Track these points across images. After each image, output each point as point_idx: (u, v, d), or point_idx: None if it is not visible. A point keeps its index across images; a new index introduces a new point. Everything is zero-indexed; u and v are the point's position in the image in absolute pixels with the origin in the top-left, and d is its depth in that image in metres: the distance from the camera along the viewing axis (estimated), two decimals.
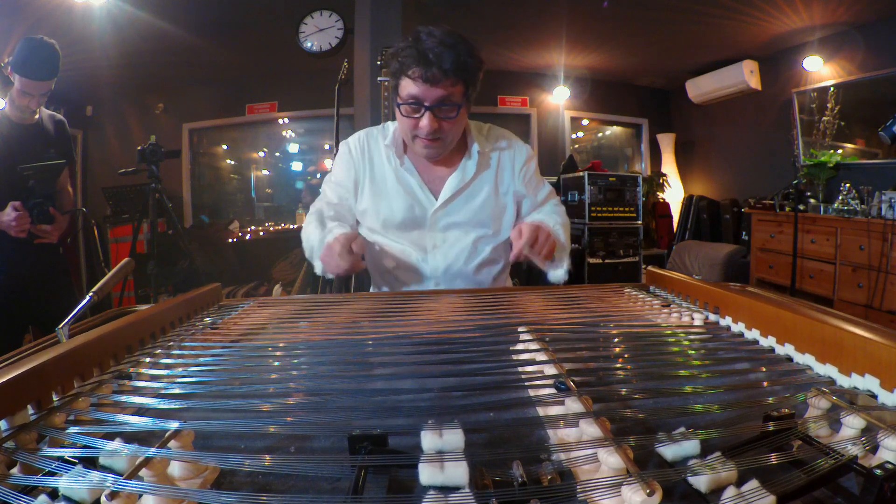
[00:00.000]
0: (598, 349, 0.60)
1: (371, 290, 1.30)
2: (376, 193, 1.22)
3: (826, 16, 3.66)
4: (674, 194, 5.61)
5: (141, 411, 0.44)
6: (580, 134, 6.16)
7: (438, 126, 1.08)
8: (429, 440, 0.35)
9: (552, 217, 1.24)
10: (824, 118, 3.92)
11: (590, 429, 0.37)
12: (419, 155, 1.18)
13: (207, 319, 0.78)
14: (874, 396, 0.44)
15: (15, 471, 0.35)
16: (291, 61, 4.38)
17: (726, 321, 0.70)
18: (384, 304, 0.88)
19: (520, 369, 0.53)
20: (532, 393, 0.47)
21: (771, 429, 0.36)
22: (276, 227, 5.33)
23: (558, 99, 5.62)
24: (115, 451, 0.34)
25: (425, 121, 1.07)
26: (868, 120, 3.72)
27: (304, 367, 0.55)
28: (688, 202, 5.29)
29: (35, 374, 0.43)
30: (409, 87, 1.06)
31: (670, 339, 0.64)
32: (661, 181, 5.54)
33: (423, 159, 1.21)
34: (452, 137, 1.15)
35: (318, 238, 1.11)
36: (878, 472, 0.30)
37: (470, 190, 1.22)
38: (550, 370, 0.51)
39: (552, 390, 0.46)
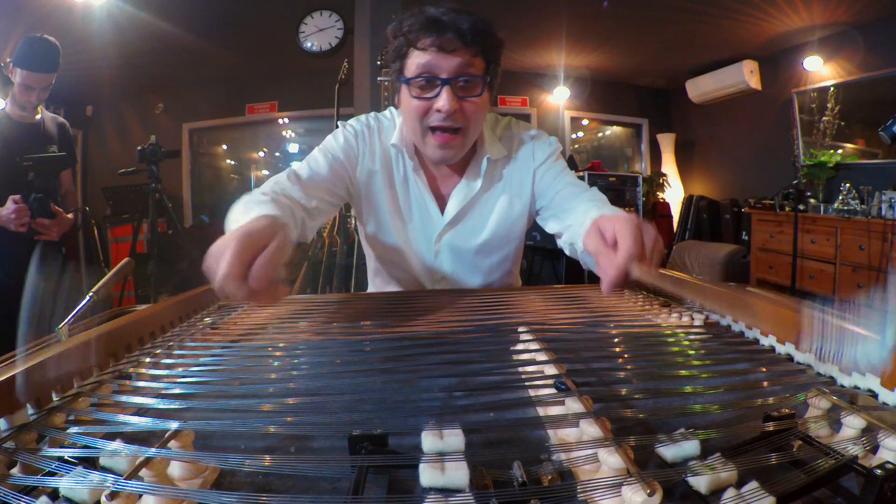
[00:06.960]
0: (599, 349, 0.60)
1: (369, 289, 1.29)
2: (380, 207, 1.03)
3: (826, 16, 3.66)
4: (674, 194, 5.61)
5: (141, 411, 0.44)
6: (580, 134, 6.17)
7: (459, 107, 0.87)
8: (429, 442, 0.35)
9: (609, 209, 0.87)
10: (824, 118, 3.92)
11: (590, 429, 0.37)
12: (431, 157, 0.96)
13: (207, 319, 0.77)
14: (874, 395, 0.44)
15: (15, 471, 0.35)
16: (291, 61, 4.39)
17: (726, 321, 0.70)
18: (384, 304, 0.88)
19: (520, 369, 0.53)
20: (532, 393, 0.47)
21: (771, 429, 0.36)
22: None
23: (558, 99, 5.62)
24: (116, 452, 0.34)
25: (443, 99, 0.85)
26: (868, 120, 3.72)
27: (304, 367, 0.55)
28: (688, 202, 5.29)
29: (34, 372, 0.43)
30: (419, 58, 0.85)
31: (670, 339, 0.64)
32: (661, 181, 5.55)
33: (435, 163, 0.98)
34: (474, 129, 0.93)
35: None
36: (879, 472, 0.30)
37: (480, 206, 1.03)
38: (550, 370, 0.51)
39: (552, 390, 0.46)
